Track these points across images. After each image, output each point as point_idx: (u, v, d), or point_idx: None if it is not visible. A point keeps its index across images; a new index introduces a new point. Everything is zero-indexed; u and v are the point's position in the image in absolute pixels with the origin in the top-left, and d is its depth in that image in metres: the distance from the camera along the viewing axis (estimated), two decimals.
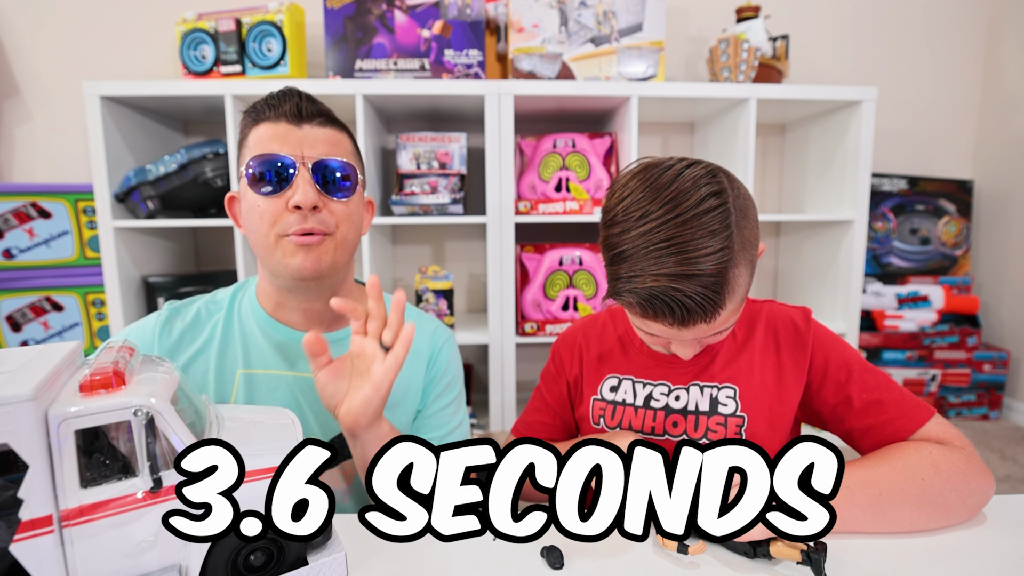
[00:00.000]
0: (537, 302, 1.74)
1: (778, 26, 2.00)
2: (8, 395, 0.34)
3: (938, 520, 0.54)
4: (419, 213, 1.67)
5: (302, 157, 0.65)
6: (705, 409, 0.67)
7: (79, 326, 1.75)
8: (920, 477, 0.54)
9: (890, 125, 2.16)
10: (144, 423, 0.39)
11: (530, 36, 1.68)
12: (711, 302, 0.52)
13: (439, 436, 0.78)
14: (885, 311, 2.06)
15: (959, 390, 2.09)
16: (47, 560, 0.36)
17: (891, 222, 2.15)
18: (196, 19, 1.63)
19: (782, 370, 0.67)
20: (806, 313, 0.69)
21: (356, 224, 0.72)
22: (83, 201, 1.72)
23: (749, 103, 1.67)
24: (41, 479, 0.36)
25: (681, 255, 0.51)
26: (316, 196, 0.65)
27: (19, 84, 1.87)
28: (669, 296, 0.52)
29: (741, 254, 0.54)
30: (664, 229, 0.52)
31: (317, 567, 0.47)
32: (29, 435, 0.35)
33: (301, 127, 0.67)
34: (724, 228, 0.52)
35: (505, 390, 1.72)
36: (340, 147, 0.69)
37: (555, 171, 1.72)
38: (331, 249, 0.68)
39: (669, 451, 0.68)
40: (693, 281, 0.51)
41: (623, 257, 0.55)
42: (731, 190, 0.54)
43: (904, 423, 0.61)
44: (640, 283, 0.53)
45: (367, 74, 1.66)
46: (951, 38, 2.16)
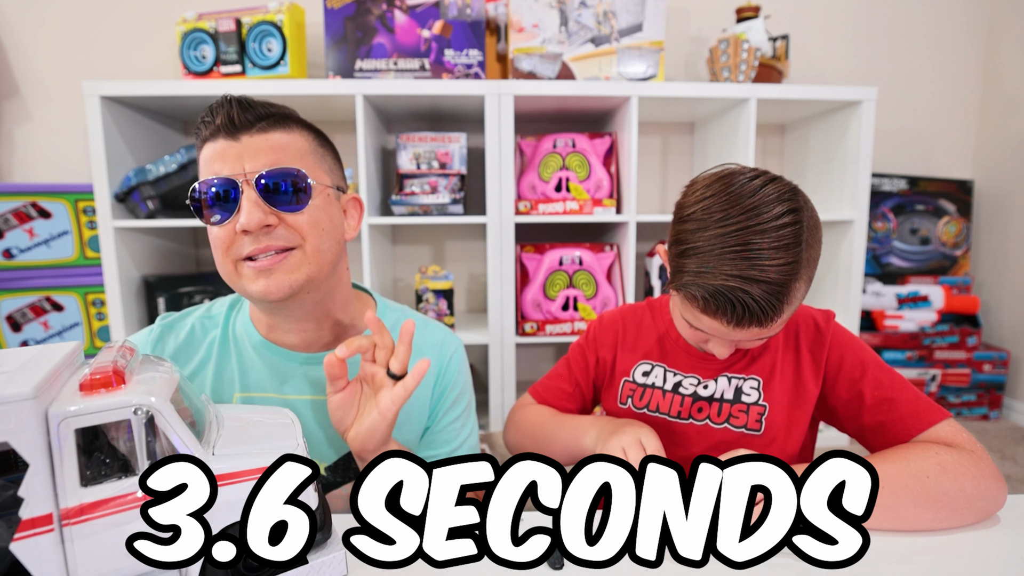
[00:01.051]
0: (537, 302, 1.74)
1: (778, 26, 2.00)
2: (8, 394, 0.34)
3: (944, 520, 0.54)
4: (419, 213, 1.67)
5: (244, 174, 0.59)
6: (729, 397, 0.70)
7: (79, 326, 1.75)
8: (925, 475, 0.55)
9: (890, 125, 2.16)
10: (144, 421, 0.39)
11: (530, 36, 1.68)
12: (772, 308, 0.55)
13: (446, 452, 0.75)
14: (885, 311, 2.06)
15: (959, 390, 2.09)
16: (47, 559, 0.36)
17: (891, 222, 2.15)
18: (196, 19, 1.63)
19: (801, 365, 0.70)
20: (828, 315, 0.72)
21: (329, 230, 0.64)
22: (83, 201, 1.72)
23: (749, 103, 1.67)
24: (41, 478, 0.36)
25: (753, 260, 0.54)
26: (264, 215, 0.58)
27: (19, 84, 1.87)
28: (735, 296, 0.55)
29: (805, 270, 0.57)
30: (741, 234, 0.55)
31: (317, 565, 0.47)
32: (30, 434, 0.35)
33: (239, 139, 0.60)
34: (796, 244, 0.55)
35: (505, 390, 1.72)
36: (288, 151, 0.61)
37: (555, 171, 1.72)
38: (300, 264, 0.61)
39: (691, 436, 0.69)
40: (760, 286, 0.54)
41: (695, 252, 0.58)
42: (806, 210, 0.58)
43: (914, 422, 0.62)
44: (710, 279, 0.56)
45: (367, 74, 1.66)
46: (951, 38, 2.16)
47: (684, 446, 0.71)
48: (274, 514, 0.42)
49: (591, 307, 1.74)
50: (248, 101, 0.61)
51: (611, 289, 1.77)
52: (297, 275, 0.61)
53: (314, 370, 0.69)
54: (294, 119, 0.65)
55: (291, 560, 0.44)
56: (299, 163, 0.62)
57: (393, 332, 0.69)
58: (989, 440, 1.92)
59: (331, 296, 0.68)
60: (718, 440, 0.69)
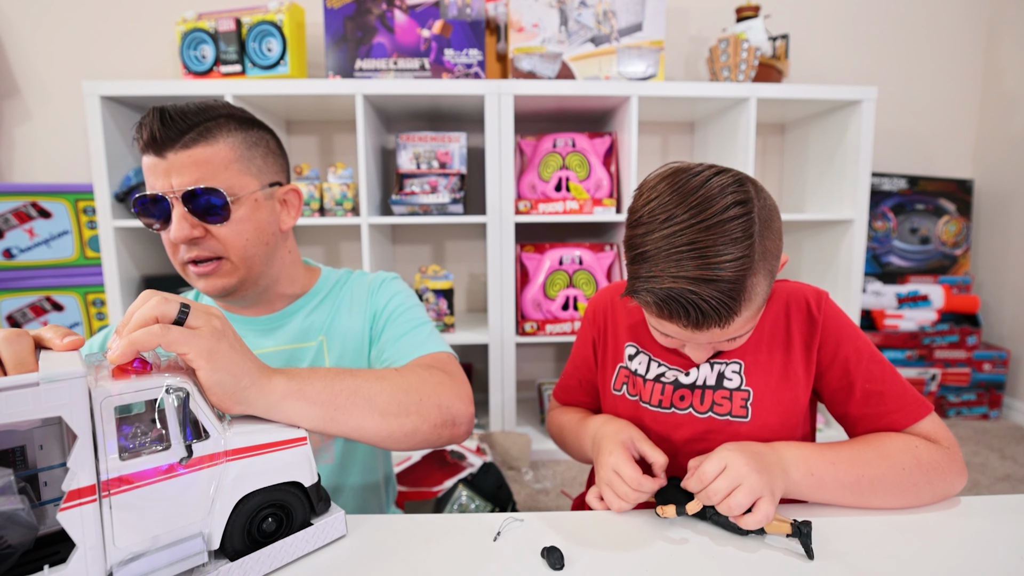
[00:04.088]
0: (537, 302, 1.74)
1: (778, 26, 2.00)
2: (66, 371, 0.38)
3: (906, 503, 0.60)
4: (419, 213, 1.67)
5: (172, 190, 0.64)
6: (712, 383, 0.68)
7: (79, 326, 1.75)
8: (901, 467, 0.59)
9: (890, 125, 2.16)
10: (177, 401, 0.43)
11: (530, 36, 1.68)
12: (727, 307, 0.53)
13: (400, 333, 0.76)
14: (885, 310, 2.06)
15: (959, 389, 2.09)
16: (89, 527, 0.39)
17: (891, 221, 2.15)
18: (196, 19, 1.63)
19: (791, 346, 0.68)
20: (821, 295, 0.69)
21: (254, 237, 0.69)
22: (83, 201, 1.72)
23: (749, 103, 1.67)
24: (87, 450, 0.39)
25: (701, 259, 0.53)
26: (190, 229, 0.65)
27: (19, 84, 1.87)
28: (686, 298, 0.53)
29: (761, 264, 0.55)
30: (687, 233, 0.53)
31: (321, 526, 0.52)
32: (81, 409, 0.39)
33: (165, 157, 0.64)
34: (746, 237, 0.53)
35: (505, 390, 1.72)
36: (210, 165, 0.65)
37: (555, 171, 1.72)
38: (230, 271, 0.69)
39: (675, 426, 0.68)
40: (711, 286, 0.53)
41: (644, 257, 0.56)
42: (757, 200, 0.55)
43: (899, 417, 0.63)
44: (658, 283, 0.54)
45: (367, 74, 1.66)
46: (951, 38, 2.16)
47: (668, 436, 0.69)
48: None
49: None
50: (171, 114, 0.63)
51: None
52: (230, 279, 0.69)
53: (258, 330, 0.77)
54: (219, 125, 0.66)
55: (298, 524, 0.51)
56: (222, 175, 0.66)
57: (331, 293, 0.81)
58: (989, 440, 1.92)
59: (275, 282, 0.76)
60: (703, 429, 0.67)
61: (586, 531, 0.56)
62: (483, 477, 1.32)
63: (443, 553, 0.53)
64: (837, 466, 0.59)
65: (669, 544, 0.54)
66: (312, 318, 0.78)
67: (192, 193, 0.64)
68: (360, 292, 0.81)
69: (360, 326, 0.79)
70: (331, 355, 0.76)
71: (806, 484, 0.59)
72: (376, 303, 0.80)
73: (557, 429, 0.83)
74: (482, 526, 0.57)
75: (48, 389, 0.37)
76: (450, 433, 0.65)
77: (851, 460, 0.60)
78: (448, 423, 0.64)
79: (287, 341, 0.76)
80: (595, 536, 0.56)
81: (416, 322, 0.78)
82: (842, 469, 0.59)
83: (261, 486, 0.48)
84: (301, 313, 0.78)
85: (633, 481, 0.59)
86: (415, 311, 0.80)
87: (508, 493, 1.33)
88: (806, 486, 0.59)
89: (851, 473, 0.59)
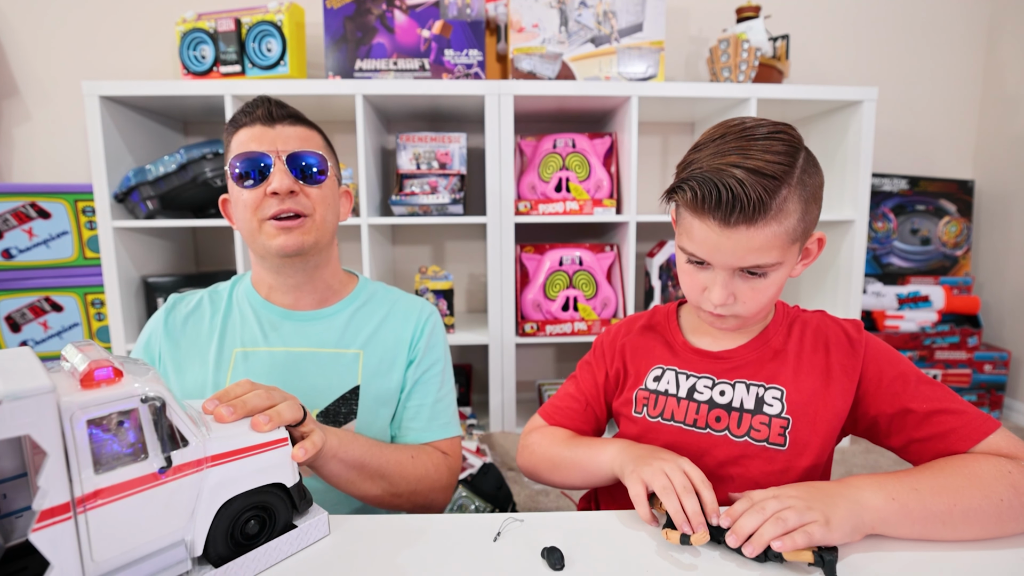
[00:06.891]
0: (537, 302, 1.73)
1: (778, 26, 2.00)
2: (30, 388, 0.35)
3: (1000, 534, 0.54)
4: (419, 213, 1.67)
5: (277, 152, 0.74)
6: (750, 407, 0.66)
7: (79, 326, 1.75)
8: (999, 497, 0.53)
9: (890, 125, 2.16)
10: (152, 410, 0.42)
11: (530, 36, 1.68)
12: (759, 198, 0.56)
13: (432, 400, 0.84)
14: (886, 311, 2.06)
15: (960, 390, 2.09)
16: (63, 545, 0.37)
17: (891, 222, 2.15)
18: (196, 19, 1.63)
19: (830, 377, 0.66)
20: (858, 325, 0.69)
21: (333, 207, 0.81)
22: (83, 201, 1.72)
23: (749, 103, 1.67)
24: (59, 467, 0.37)
25: (743, 155, 0.57)
26: (291, 183, 0.74)
27: (19, 84, 1.87)
28: (721, 179, 0.56)
29: (799, 189, 0.58)
30: (735, 143, 0.59)
31: (304, 528, 0.52)
32: (49, 426, 0.36)
33: (274, 127, 0.76)
34: (789, 155, 0.58)
35: (505, 390, 1.72)
36: (311, 142, 0.78)
37: (555, 171, 1.72)
38: (311, 229, 0.77)
39: (708, 448, 0.66)
40: (749, 173, 0.56)
41: (691, 164, 0.60)
42: (802, 147, 0.60)
43: (968, 432, 0.59)
44: (700, 171, 0.58)
45: (367, 74, 1.66)
46: (951, 38, 2.16)
47: (702, 457, 0.66)
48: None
49: (591, 307, 1.74)
50: (281, 102, 0.79)
51: (611, 289, 1.76)
52: (307, 237, 0.76)
53: (300, 326, 0.82)
54: (312, 123, 0.82)
55: (281, 527, 0.51)
56: (319, 151, 0.78)
57: (371, 302, 0.86)
58: None
59: (325, 264, 0.83)
60: (739, 453, 0.65)
61: (586, 531, 0.56)
62: (483, 478, 1.32)
63: (443, 553, 0.52)
64: (922, 493, 0.53)
65: (669, 544, 0.54)
66: (352, 324, 0.83)
67: (295, 155, 0.75)
68: (404, 320, 0.86)
69: (396, 353, 0.84)
70: (365, 370, 0.81)
71: (890, 511, 0.52)
72: (421, 346, 0.85)
73: (550, 443, 0.76)
74: (482, 526, 0.57)
75: (13, 408, 0.34)
76: (420, 512, 0.76)
77: (938, 488, 0.54)
78: (423, 508, 0.77)
79: (328, 344, 0.81)
80: (595, 536, 0.55)
81: (446, 388, 0.87)
82: (929, 498, 0.53)
83: (243, 490, 0.47)
84: (343, 315, 0.84)
85: (703, 482, 0.56)
86: (448, 370, 0.89)
87: (508, 493, 1.32)
88: (890, 513, 0.52)
89: (941, 502, 0.53)
